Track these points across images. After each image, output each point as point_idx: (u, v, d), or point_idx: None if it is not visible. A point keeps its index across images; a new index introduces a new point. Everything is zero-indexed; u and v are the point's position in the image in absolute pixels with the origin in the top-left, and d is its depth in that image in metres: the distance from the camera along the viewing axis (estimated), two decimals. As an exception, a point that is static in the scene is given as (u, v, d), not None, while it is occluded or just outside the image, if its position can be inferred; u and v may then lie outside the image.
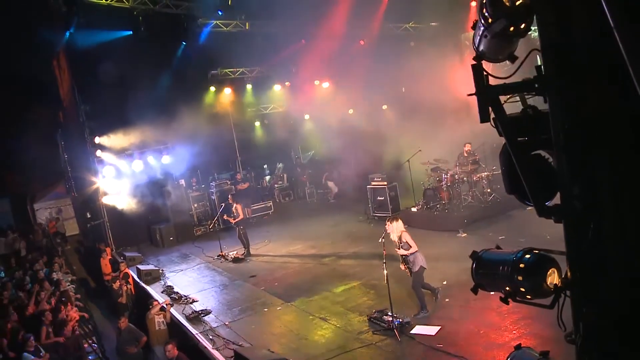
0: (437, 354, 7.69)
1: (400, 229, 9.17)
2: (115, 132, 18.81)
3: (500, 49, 2.78)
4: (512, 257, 2.85)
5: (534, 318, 8.25)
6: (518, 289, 2.80)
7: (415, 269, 9.13)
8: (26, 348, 11.01)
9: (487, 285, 3.19)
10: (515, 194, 2.99)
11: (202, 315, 11.22)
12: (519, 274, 2.76)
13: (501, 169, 3.04)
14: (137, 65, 18.19)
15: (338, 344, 8.69)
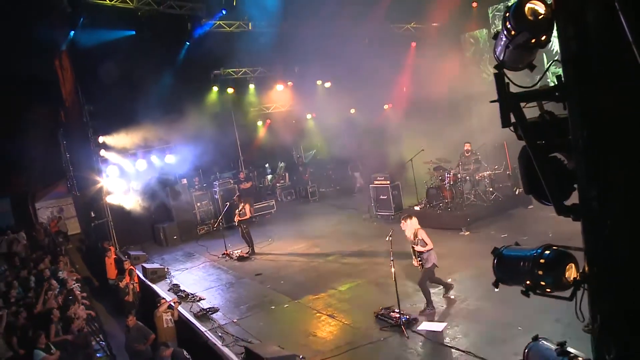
0: (444, 350, 7.88)
1: (416, 226, 9.40)
2: (118, 132, 18.98)
3: (521, 58, 2.96)
4: (533, 253, 3.03)
5: (539, 314, 8.44)
6: (538, 282, 2.98)
7: (428, 265, 9.33)
8: (37, 345, 11.15)
9: (507, 279, 3.37)
10: (533, 194, 3.17)
11: (210, 313, 11.38)
12: (540, 269, 2.94)
13: (520, 171, 3.22)
14: (141, 65, 18.33)
15: (346, 340, 8.87)
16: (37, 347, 11.14)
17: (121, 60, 18.33)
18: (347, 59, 19.11)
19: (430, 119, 18.12)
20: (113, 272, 17.21)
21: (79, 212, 31.35)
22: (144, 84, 18.04)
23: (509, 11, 2.75)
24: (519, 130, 2.94)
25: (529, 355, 3.34)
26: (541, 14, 2.63)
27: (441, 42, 19.38)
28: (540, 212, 14.02)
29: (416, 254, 9.44)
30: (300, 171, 23.50)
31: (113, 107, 18.19)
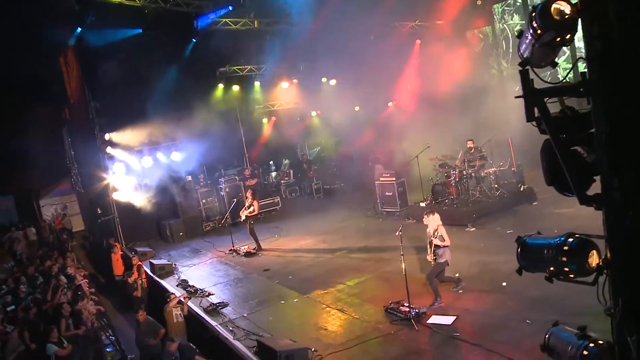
0: (454, 342, 8.02)
1: (437, 222, 9.61)
2: (124, 129, 19.09)
3: (545, 56, 3.10)
4: (557, 241, 3.18)
5: (547, 306, 8.59)
6: (562, 269, 3.12)
7: (441, 260, 9.49)
8: (49, 339, 11.31)
9: (531, 266, 3.51)
10: (555, 185, 3.31)
11: (220, 308, 11.52)
12: (564, 256, 3.09)
13: (542, 164, 3.35)
14: (147, 62, 18.46)
15: (356, 333, 9.01)
16: (50, 341, 11.30)
17: (127, 57, 18.47)
18: (352, 56, 19.24)
19: (435, 116, 18.23)
20: (120, 268, 17.36)
21: (82, 209, 31.51)
22: (150, 81, 18.22)
23: (535, 11, 2.89)
24: (543, 124, 3.06)
25: (550, 340, 3.48)
26: (567, 14, 2.76)
27: (445, 40, 19.48)
28: (545, 208, 14.23)
29: (432, 249, 9.55)
30: (305, 168, 23.62)
31: (119, 104, 18.31)
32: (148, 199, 19.46)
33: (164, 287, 14.06)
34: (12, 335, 11.58)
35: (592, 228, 9.74)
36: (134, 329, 14.34)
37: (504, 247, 12.03)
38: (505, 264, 10.77)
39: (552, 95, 3.06)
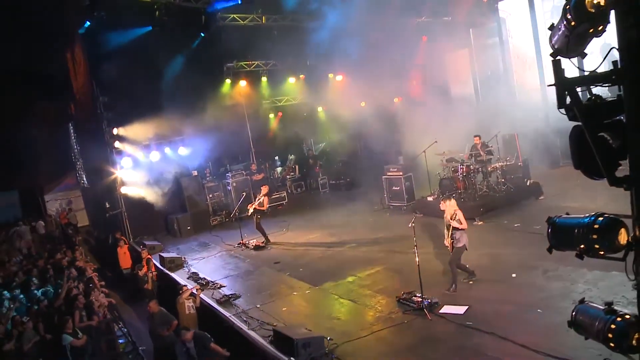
0: (468, 331, 8.18)
1: (454, 207, 9.80)
2: (132, 124, 19.20)
3: (577, 47, 3.26)
4: (587, 221, 3.35)
5: (555, 296, 8.78)
6: (592, 246, 3.30)
7: (459, 245, 9.65)
8: (65, 330, 11.47)
9: (561, 245, 3.68)
10: (582, 169, 3.48)
11: (232, 299, 11.68)
12: (594, 234, 3.26)
13: (571, 149, 3.52)
14: (155, 57, 18.64)
15: (370, 323, 9.19)
16: (65, 332, 11.47)
17: (135, 52, 18.63)
18: (359, 52, 19.35)
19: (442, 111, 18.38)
20: (127, 261, 17.55)
21: (87, 205, 31.64)
22: (157, 76, 18.34)
23: (569, 4, 3.04)
24: (575, 111, 3.22)
25: (577, 316, 3.66)
26: (602, 6, 2.92)
27: (451, 37, 19.61)
28: (551, 202, 14.40)
29: (450, 233, 9.70)
30: (311, 164, 23.78)
31: (127, 99, 18.45)
32: (156, 194, 19.60)
33: (174, 279, 14.21)
34: (28, 326, 11.74)
35: None
36: (144, 321, 14.60)
37: (511, 240, 12.29)
38: (514, 257, 11.00)
39: (584, 84, 3.22)
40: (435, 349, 7.97)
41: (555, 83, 3.29)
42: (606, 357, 6.08)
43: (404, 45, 19.54)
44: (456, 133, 16.81)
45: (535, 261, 10.45)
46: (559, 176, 16.82)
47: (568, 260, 10.00)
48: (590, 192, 14.22)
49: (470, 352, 7.57)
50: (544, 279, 9.63)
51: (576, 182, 15.74)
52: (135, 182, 19.48)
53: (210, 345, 9.52)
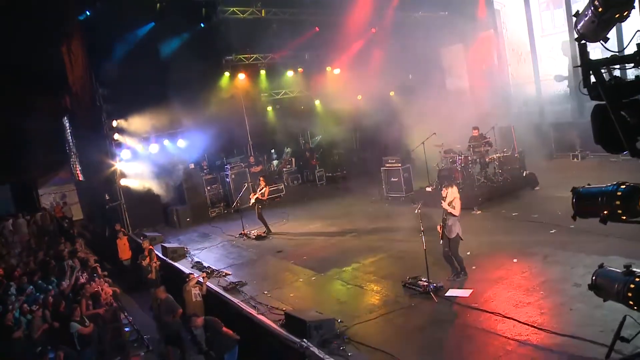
0: (473, 312, 8.48)
1: (456, 194, 9.92)
2: (132, 116, 19.33)
3: (601, 31, 3.54)
4: (610, 189, 3.66)
5: (556, 279, 9.12)
6: (615, 211, 3.60)
7: (452, 235, 9.85)
8: (73, 317, 11.65)
9: (585, 213, 3.98)
10: (602, 144, 3.77)
11: (239, 287, 11.90)
12: (617, 200, 3.56)
13: (593, 126, 3.80)
14: (154, 49, 18.77)
15: (378, 306, 9.47)
16: (73, 319, 11.64)
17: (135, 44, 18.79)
18: (356, 46, 19.64)
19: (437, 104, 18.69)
20: (127, 253, 17.71)
21: (81, 198, 31.69)
22: (157, 69, 18.45)
23: (598, -9, 3.32)
24: (600, 89, 3.50)
25: (597, 279, 3.96)
26: (628, -7, 3.20)
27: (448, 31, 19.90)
28: (547, 192, 14.78)
29: (442, 218, 9.89)
30: (308, 156, 24.02)
31: (126, 91, 18.55)
32: (155, 186, 19.76)
33: (178, 269, 14.40)
34: (37, 314, 11.92)
35: None
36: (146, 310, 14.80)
37: (510, 228, 12.63)
38: (514, 244, 11.34)
39: (609, 65, 3.49)
40: (444, 329, 8.27)
41: (580, 64, 3.56)
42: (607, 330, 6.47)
43: (400, 39, 19.81)
44: (452, 126, 17.09)
45: (535, 247, 10.80)
46: (553, 168, 17.21)
47: (567, 247, 10.45)
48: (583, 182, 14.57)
49: (477, 331, 7.87)
50: (544, 264, 9.95)
51: (571, 173, 16.22)
52: (134, 175, 19.62)
53: (222, 329, 9.72)
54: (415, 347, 7.76)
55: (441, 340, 7.94)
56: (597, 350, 6.58)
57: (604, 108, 3.69)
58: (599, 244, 9.95)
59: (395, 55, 19.71)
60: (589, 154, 17.64)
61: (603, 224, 3.80)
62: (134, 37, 18.79)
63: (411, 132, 18.52)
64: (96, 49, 19.00)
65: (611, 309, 7.54)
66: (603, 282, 3.99)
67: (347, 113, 21.40)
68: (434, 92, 19.77)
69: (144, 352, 12.89)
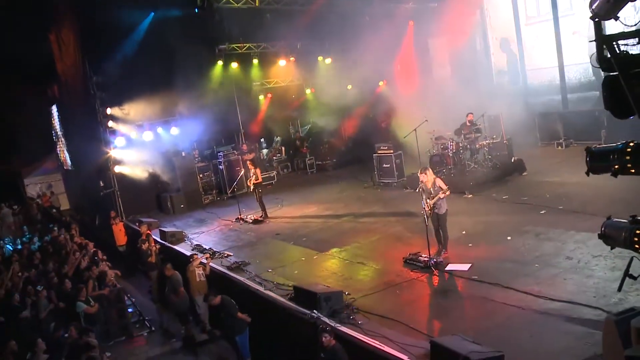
0: (474, 283, 9.01)
1: (432, 176, 10.49)
2: (126, 104, 19.50)
3: (612, 11, 4.02)
4: (620, 147, 4.17)
5: (549, 254, 9.69)
6: (625, 166, 4.10)
7: (442, 212, 10.41)
8: (79, 298, 11.97)
9: (598, 169, 4.46)
10: (612, 110, 4.27)
11: (243, 266, 12.28)
12: (627, 156, 4.06)
13: (604, 94, 4.30)
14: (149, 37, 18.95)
15: (382, 280, 9.95)
16: (79, 299, 11.95)
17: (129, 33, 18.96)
18: (348, 36, 20.03)
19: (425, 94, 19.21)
20: (122, 238, 17.96)
21: (68, 188, 31.66)
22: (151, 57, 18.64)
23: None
24: (613, 61, 3.99)
25: (606, 229, 4.47)
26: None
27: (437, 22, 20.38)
28: (535, 178, 15.41)
29: (432, 200, 10.34)
30: (298, 145, 24.40)
31: (120, 79, 18.72)
32: (148, 173, 19.99)
33: (179, 252, 14.71)
34: (42, 294, 12.18)
35: (577, 193, 11.20)
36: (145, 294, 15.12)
37: (502, 210, 13.22)
38: (507, 223, 11.91)
39: (622, 39, 3.98)
40: (447, 298, 8.80)
41: (595, 39, 4.04)
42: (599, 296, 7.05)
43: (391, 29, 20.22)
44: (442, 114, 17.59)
45: (527, 226, 11.38)
46: (538, 155, 17.81)
47: (557, 225, 11.05)
48: (569, 168, 15.39)
49: (479, 300, 8.40)
50: (537, 241, 10.53)
51: (556, 160, 16.89)
52: (128, 162, 19.82)
53: (237, 313, 10.04)
54: (422, 314, 8.27)
55: (446, 308, 8.46)
56: (592, 313, 7.16)
57: (615, 78, 4.18)
58: (588, 222, 10.54)
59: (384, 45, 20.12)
60: (572, 142, 18.30)
61: (614, 177, 4.29)
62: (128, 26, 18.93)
63: (401, 121, 19.03)
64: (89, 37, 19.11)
65: (602, 278, 8.20)
66: (611, 232, 4.48)
67: (337, 102, 21.77)
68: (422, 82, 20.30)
69: (147, 333, 13.25)
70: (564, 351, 6.46)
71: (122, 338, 12.82)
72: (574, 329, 6.96)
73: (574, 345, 6.55)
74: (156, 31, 19.02)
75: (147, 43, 18.91)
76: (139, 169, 19.87)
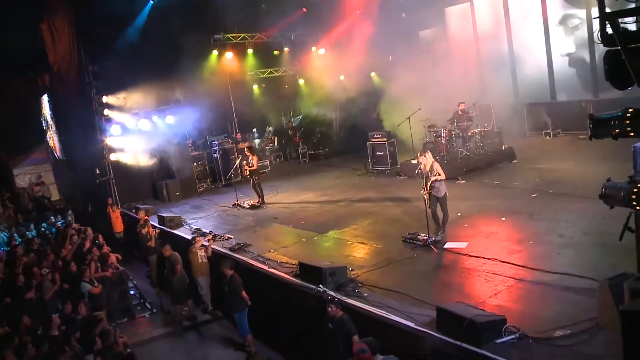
0: (473, 259, 9.42)
1: (431, 159, 10.87)
2: (121, 92, 19.67)
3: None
4: (619, 113, 4.58)
5: (543, 232, 10.16)
6: (625, 129, 4.52)
7: (441, 194, 10.81)
8: (83, 278, 12.21)
9: (600, 134, 4.87)
10: (611, 81, 4.69)
11: (245, 247, 12.60)
12: (627, 120, 4.48)
13: (604, 67, 4.71)
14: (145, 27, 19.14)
15: (383, 257, 10.32)
16: (83, 280, 12.20)
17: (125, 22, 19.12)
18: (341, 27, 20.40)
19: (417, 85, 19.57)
20: (119, 225, 18.18)
21: (58, 178, 31.58)
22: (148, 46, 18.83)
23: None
24: (615, 36, 4.40)
25: (606, 190, 4.90)
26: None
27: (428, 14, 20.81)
28: (525, 165, 15.92)
29: (427, 184, 10.74)
30: (290, 134, 24.74)
31: (115, 68, 18.82)
32: (143, 161, 20.18)
33: (178, 236, 14.96)
34: (47, 277, 12.39)
35: (566, 179, 11.73)
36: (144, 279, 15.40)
37: (495, 194, 13.71)
38: (500, 205, 12.39)
39: (624, 15, 4.39)
40: (447, 272, 9.23)
41: (599, 16, 4.45)
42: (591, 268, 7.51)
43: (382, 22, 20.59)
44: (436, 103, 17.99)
45: (520, 208, 11.87)
46: (527, 145, 18.33)
47: (549, 207, 11.55)
48: (558, 155, 15.94)
49: (478, 273, 8.82)
50: (530, 221, 11.01)
51: (544, 148, 17.44)
52: (124, 150, 20.00)
53: (241, 292, 10.36)
54: (424, 287, 8.65)
55: (447, 281, 8.88)
56: (586, 282, 7.58)
57: (615, 53, 4.61)
58: (578, 204, 11.09)
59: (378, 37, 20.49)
60: (560, 132, 18.87)
61: (615, 140, 4.71)
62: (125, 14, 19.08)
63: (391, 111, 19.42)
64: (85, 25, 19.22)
65: (594, 251, 8.68)
66: (611, 192, 4.91)
67: (329, 93, 22.14)
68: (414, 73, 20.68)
69: (148, 314, 13.54)
70: (560, 315, 6.88)
71: (125, 319, 13.07)
72: (570, 297, 7.41)
73: (570, 310, 6.98)
74: (153, 20, 19.19)
75: (144, 32, 19.09)
76: (135, 157, 20.04)
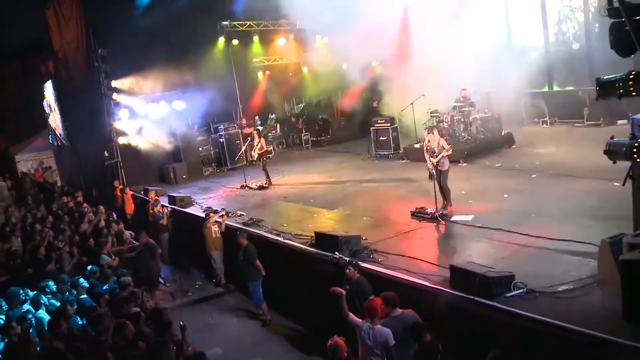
0: (479, 229, 10.03)
1: (438, 136, 11.47)
2: (130, 76, 20.11)
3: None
4: (623, 76, 5.15)
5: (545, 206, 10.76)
6: (628, 89, 5.09)
7: (445, 168, 11.38)
8: (102, 251, 12.70)
9: (605, 94, 5.44)
10: (616, 49, 5.26)
11: (258, 222, 13.13)
12: (630, 81, 5.07)
13: (610, 37, 5.29)
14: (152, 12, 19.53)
15: (394, 230, 10.88)
16: (102, 252, 12.69)
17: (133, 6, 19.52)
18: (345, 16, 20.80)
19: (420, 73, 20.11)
20: (131, 207, 18.63)
21: (60, 164, 31.92)
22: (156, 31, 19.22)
23: None
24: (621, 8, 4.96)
25: (610, 147, 5.48)
26: None
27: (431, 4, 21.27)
28: (524, 149, 16.57)
29: (436, 160, 11.28)
30: (293, 121, 25.25)
31: (123, 53, 19.28)
32: (151, 144, 20.65)
33: (190, 214, 15.46)
34: (64, 249, 12.87)
35: (565, 161, 12.44)
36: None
37: (497, 175, 14.33)
38: (502, 184, 12.99)
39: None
40: (456, 240, 9.86)
41: (605, -7, 5.04)
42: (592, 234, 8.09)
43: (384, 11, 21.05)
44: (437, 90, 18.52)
45: (521, 186, 12.49)
46: (525, 132, 18.93)
47: (549, 185, 12.17)
48: (556, 141, 16.55)
49: (485, 241, 9.43)
50: (531, 197, 11.64)
51: (541, 135, 18.07)
52: (132, 133, 20.46)
53: (255, 262, 10.91)
54: (435, 253, 9.27)
55: (455, 247, 9.50)
56: (587, 247, 8.15)
57: (620, 24, 5.20)
58: (577, 183, 11.75)
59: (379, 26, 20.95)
60: (556, 120, 19.52)
61: (618, 99, 5.29)
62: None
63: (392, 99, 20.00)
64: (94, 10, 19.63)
65: (595, 222, 9.27)
66: (614, 147, 5.49)
67: (332, 81, 22.65)
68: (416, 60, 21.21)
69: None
70: (563, 274, 7.49)
71: (142, 288, 13.51)
72: (572, 259, 8.03)
73: (573, 269, 7.61)
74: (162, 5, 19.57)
75: (153, 16, 19.45)
76: (143, 141, 20.51)
